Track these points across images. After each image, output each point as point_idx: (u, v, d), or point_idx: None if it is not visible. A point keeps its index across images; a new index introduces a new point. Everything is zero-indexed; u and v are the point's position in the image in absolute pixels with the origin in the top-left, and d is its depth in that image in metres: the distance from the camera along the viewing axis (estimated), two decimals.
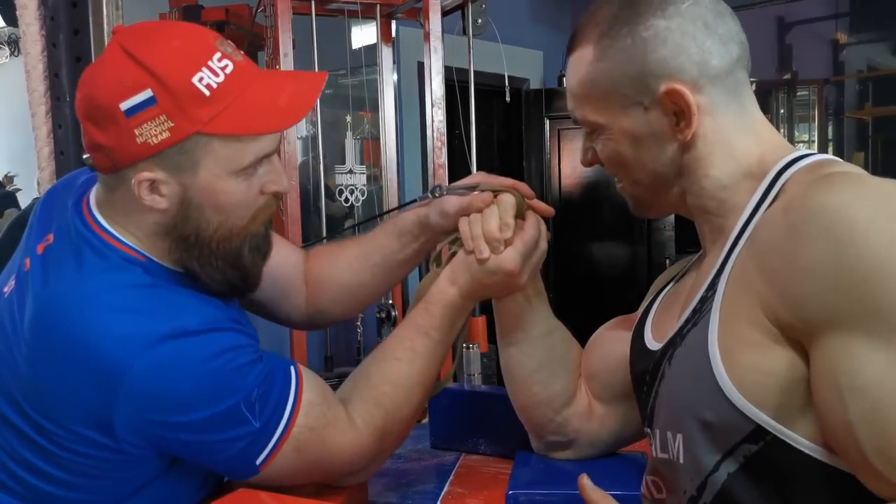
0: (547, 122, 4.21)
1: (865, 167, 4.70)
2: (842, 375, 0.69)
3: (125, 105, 0.88)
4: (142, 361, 0.86)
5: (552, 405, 1.12)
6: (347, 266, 1.23)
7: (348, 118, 2.88)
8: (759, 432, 0.76)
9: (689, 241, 4.56)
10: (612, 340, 1.10)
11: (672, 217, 4.07)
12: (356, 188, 2.80)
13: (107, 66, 0.92)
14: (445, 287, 1.06)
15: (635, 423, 1.10)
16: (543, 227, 1.08)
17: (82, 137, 0.95)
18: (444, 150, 2.50)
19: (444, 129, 2.51)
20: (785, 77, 5.03)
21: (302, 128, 3.52)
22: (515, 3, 4.07)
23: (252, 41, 2.64)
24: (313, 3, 2.49)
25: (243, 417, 0.90)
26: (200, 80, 0.89)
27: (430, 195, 1.13)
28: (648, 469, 0.95)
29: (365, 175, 2.84)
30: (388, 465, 1.27)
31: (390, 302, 2.64)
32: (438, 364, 1.07)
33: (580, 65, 0.90)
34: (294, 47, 2.31)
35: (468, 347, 2.38)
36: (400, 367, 1.04)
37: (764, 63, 4.96)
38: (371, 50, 2.80)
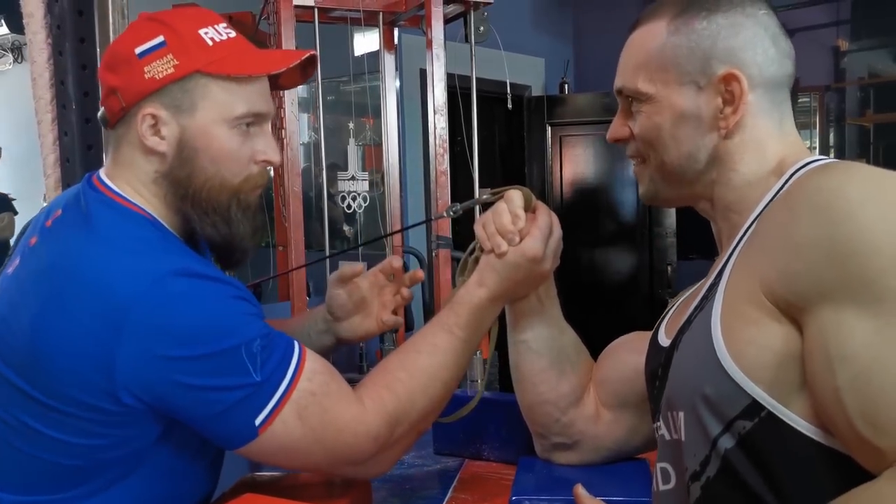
0: (549, 129, 4.22)
1: None
2: (831, 344, 0.73)
3: (139, 49, 1.00)
4: (150, 293, 0.90)
5: (559, 405, 1.14)
6: None
7: (351, 124, 2.89)
8: (754, 407, 0.78)
9: (691, 247, 4.56)
10: (625, 350, 1.13)
11: (674, 223, 4.07)
12: (358, 194, 2.81)
13: (130, 29, 1.06)
14: (473, 289, 1.09)
15: (641, 434, 1.11)
16: (554, 215, 1.13)
17: (100, 91, 1.06)
18: (447, 157, 2.51)
19: (446, 136, 2.52)
20: None
21: (304, 134, 3.53)
22: (517, 10, 4.08)
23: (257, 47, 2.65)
24: (316, 10, 2.51)
25: (243, 366, 0.92)
26: (206, 33, 1.02)
27: (446, 214, 1.21)
28: (658, 456, 0.96)
29: (367, 181, 2.85)
30: (391, 471, 1.28)
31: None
32: (462, 363, 1.08)
33: (648, 37, 0.94)
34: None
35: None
36: (419, 357, 1.05)
37: None
38: (374, 56, 2.81)
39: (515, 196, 1.10)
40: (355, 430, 0.97)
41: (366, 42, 3.08)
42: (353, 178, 2.86)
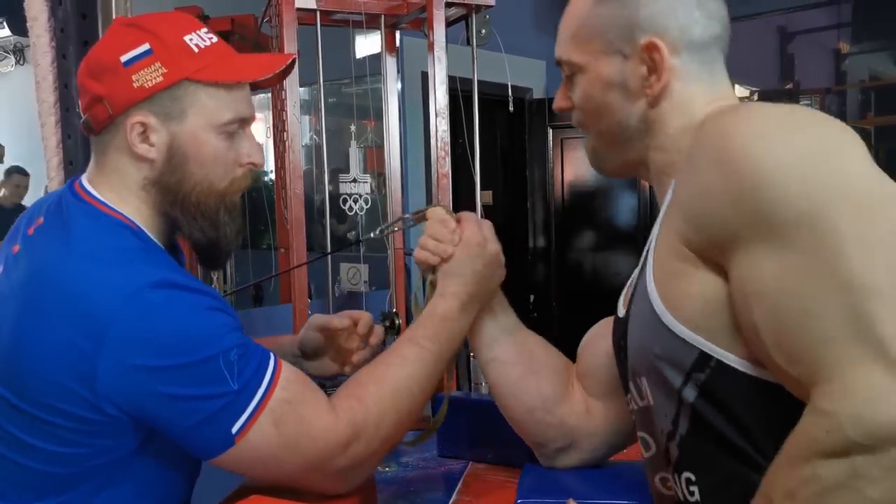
0: (550, 132, 4.23)
1: None
2: (745, 282, 0.75)
3: (125, 57, 1.00)
4: (129, 307, 0.91)
5: (545, 407, 1.13)
6: None
7: (352, 127, 2.89)
8: (703, 358, 0.80)
9: None
10: (599, 337, 1.13)
11: None
12: (360, 197, 2.81)
13: (108, 36, 1.06)
14: (438, 301, 1.12)
15: (632, 422, 1.11)
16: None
17: (80, 100, 1.06)
18: (448, 159, 2.51)
19: (447, 139, 2.52)
20: (787, 86, 5.05)
21: (306, 136, 3.53)
22: (519, 13, 4.09)
23: (257, 51, 2.65)
24: (318, 13, 2.51)
25: (221, 375, 0.93)
26: (191, 40, 1.03)
27: (373, 235, 1.30)
28: (636, 427, 0.97)
29: (369, 184, 2.85)
30: (396, 473, 1.28)
31: (394, 310, 2.65)
32: (432, 374, 1.08)
33: (578, 6, 0.96)
34: (298, 57, 2.33)
35: (475, 357, 2.39)
36: (388, 370, 1.06)
37: (766, 72, 4.98)
38: (375, 59, 2.81)
39: (437, 210, 1.15)
40: (327, 439, 0.98)
41: (367, 44, 3.09)
42: (354, 181, 2.86)
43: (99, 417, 0.93)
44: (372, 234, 1.29)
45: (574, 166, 4.29)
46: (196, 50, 1.02)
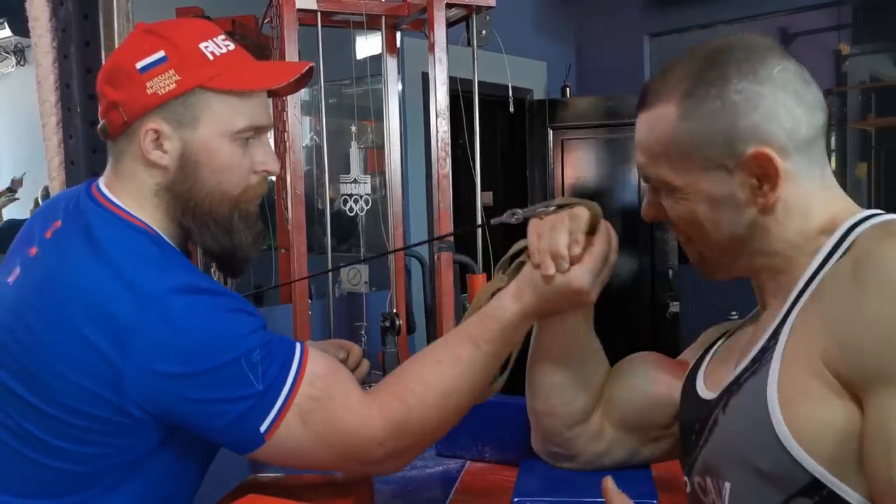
0: (550, 133, 4.22)
1: (868, 178, 4.67)
2: (891, 429, 0.70)
3: (140, 64, 1.01)
4: (152, 313, 0.92)
5: (566, 421, 1.10)
6: None
7: (353, 127, 2.90)
8: (814, 485, 0.76)
9: None
10: (640, 376, 1.10)
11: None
12: (360, 197, 2.82)
13: (128, 41, 1.07)
14: (508, 303, 1.03)
15: (641, 457, 1.10)
16: (615, 239, 1.05)
17: (99, 105, 1.07)
18: (449, 160, 2.52)
19: (448, 140, 2.52)
20: None
21: (306, 137, 3.54)
22: (519, 14, 4.09)
23: (258, 52, 2.66)
24: (319, 14, 2.52)
25: (245, 377, 0.94)
26: (206, 47, 1.03)
27: (506, 219, 1.07)
28: None
29: (369, 184, 2.86)
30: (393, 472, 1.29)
31: (394, 311, 2.65)
32: (484, 377, 1.05)
33: (659, 122, 0.89)
34: (299, 58, 2.33)
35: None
36: (438, 369, 1.03)
37: None
38: (376, 60, 2.82)
39: (582, 215, 1.01)
40: (359, 434, 0.98)
41: (368, 46, 3.10)
42: (355, 182, 2.87)
43: (124, 419, 0.95)
44: (513, 219, 1.06)
45: (574, 167, 4.29)
46: (211, 57, 1.03)
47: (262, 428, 0.95)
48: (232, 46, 1.06)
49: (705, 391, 0.94)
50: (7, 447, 0.99)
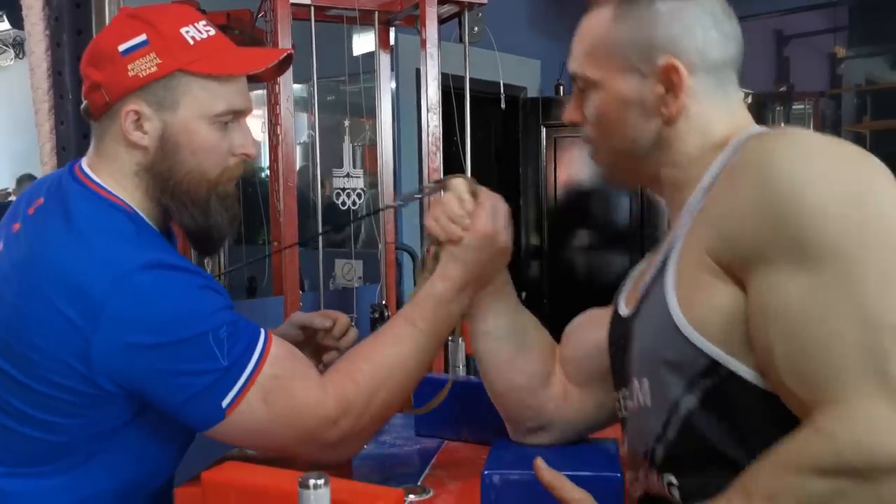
0: (544, 131, 4.26)
1: None
2: (767, 301, 0.77)
3: (122, 47, 1.04)
4: (122, 287, 0.95)
5: (529, 388, 1.16)
6: None
7: (346, 122, 2.93)
8: (713, 367, 0.82)
9: None
10: (586, 328, 1.16)
11: (667, 225, 4.10)
12: (353, 191, 2.85)
13: (111, 25, 1.11)
14: (436, 282, 1.11)
15: (607, 408, 1.14)
16: (496, 194, 1.14)
17: (82, 86, 1.10)
18: (439, 154, 2.55)
19: (439, 134, 2.55)
20: (782, 89, 5.07)
21: (303, 133, 3.57)
22: (514, 11, 4.12)
23: (253, 45, 2.69)
24: (313, 8, 2.54)
25: (211, 351, 0.97)
26: (187, 32, 1.06)
27: (396, 203, 1.25)
28: (623, 424, 1.01)
29: (362, 179, 2.89)
30: (373, 451, 1.32)
31: (383, 302, 2.69)
32: (425, 354, 1.11)
33: (595, 23, 0.97)
34: (293, 52, 2.36)
35: (451, 340, 2.42)
36: (382, 349, 1.09)
37: (761, 75, 5.00)
38: (369, 57, 2.84)
39: (459, 183, 1.13)
40: (316, 414, 1.02)
41: (364, 42, 3.12)
42: (347, 175, 2.90)
43: (94, 391, 0.98)
44: (396, 203, 1.29)
45: (567, 165, 4.32)
46: (192, 42, 1.05)
47: (224, 403, 0.98)
48: (213, 32, 1.09)
49: (625, 310, 1.00)
50: None
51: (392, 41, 2.86)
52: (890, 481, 0.67)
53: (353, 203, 2.89)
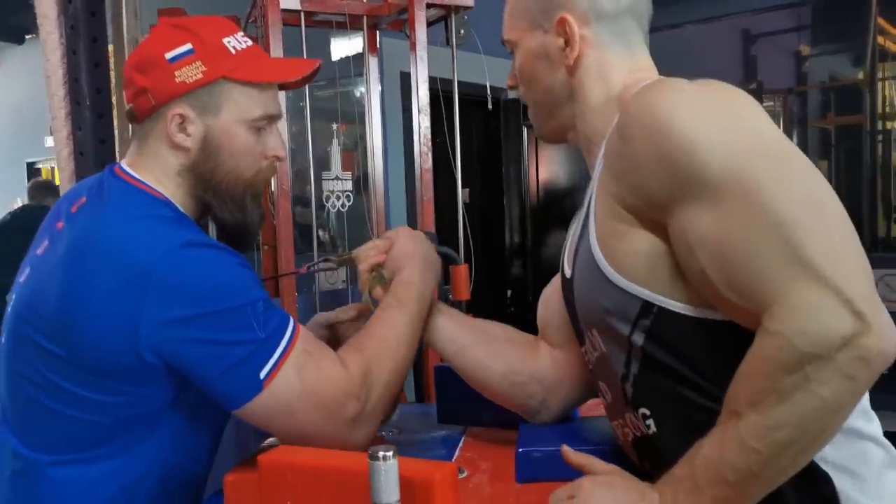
0: (525, 131, 4.33)
1: (829, 175, 4.81)
2: (688, 235, 0.85)
3: (169, 54, 1.11)
4: (166, 260, 1.01)
5: (513, 370, 1.24)
6: None
7: (334, 126, 2.97)
8: (647, 307, 0.90)
9: None
10: (556, 291, 1.23)
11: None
12: (342, 194, 2.89)
13: (155, 34, 1.16)
14: (397, 277, 1.22)
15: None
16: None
17: (125, 93, 1.16)
18: (430, 155, 2.60)
19: (429, 136, 2.60)
20: (751, 87, 5.16)
21: (286, 140, 3.60)
22: (495, 15, 4.18)
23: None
24: (302, 14, 2.57)
25: (249, 323, 1.03)
26: (228, 42, 1.14)
27: (313, 266, 1.45)
28: (594, 377, 1.08)
29: (350, 181, 2.92)
30: (397, 438, 1.37)
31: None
32: (415, 329, 1.20)
33: None
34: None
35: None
36: (380, 330, 1.17)
37: (730, 73, 5.09)
38: (346, 62, 2.87)
39: (362, 248, 1.27)
40: (343, 387, 1.08)
41: (344, 47, 3.15)
42: (336, 178, 2.94)
43: (139, 364, 1.02)
44: (303, 269, 1.48)
45: (548, 165, 4.39)
46: (233, 51, 1.13)
47: (262, 374, 1.03)
48: (250, 43, 1.16)
49: (567, 270, 1.08)
50: (33, 402, 1.07)
51: (377, 45, 2.90)
52: (842, 354, 0.74)
53: (343, 206, 2.93)
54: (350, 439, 1.09)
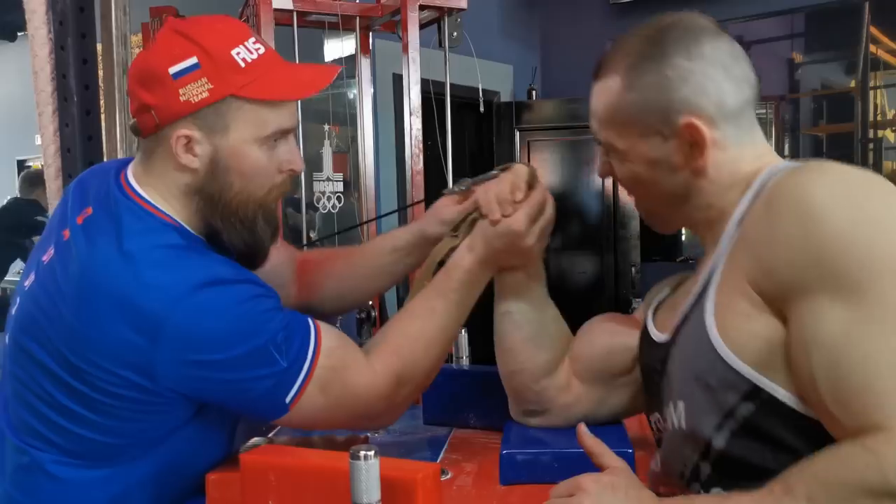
0: (517, 134, 4.33)
1: None
2: (807, 331, 0.81)
3: (173, 69, 1.03)
4: (180, 308, 0.96)
5: (533, 374, 1.22)
6: (337, 275, 1.37)
7: (326, 127, 2.96)
8: (754, 391, 0.87)
9: (654, 249, 4.67)
10: (600, 331, 1.23)
11: (637, 227, 4.20)
12: (333, 195, 2.88)
13: (159, 42, 1.07)
14: (464, 253, 1.16)
15: (607, 406, 1.21)
16: (550, 196, 1.18)
17: (130, 105, 1.09)
18: (421, 157, 2.59)
19: (420, 138, 2.59)
20: None
21: None
22: (487, 18, 4.19)
23: None
24: (295, 14, 2.56)
25: (271, 357, 1.00)
26: (238, 53, 1.04)
27: (455, 189, 1.26)
28: (658, 445, 1.05)
29: (342, 183, 2.92)
30: (382, 439, 1.36)
31: (370, 303, 2.72)
32: (456, 322, 1.16)
33: (608, 92, 1.01)
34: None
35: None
36: (418, 323, 1.13)
37: None
38: (338, 64, 2.85)
39: (521, 170, 1.17)
40: (369, 394, 1.07)
41: (337, 48, 3.15)
42: (328, 180, 2.93)
43: (157, 399, 1.00)
44: (455, 189, 1.27)
45: (540, 168, 4.39)
46: (242, 64, 1.04)
47: (288, 399, 1.02)
48: (263, 50, 1.07)
49: (658, 335, 1.05)
50: (33, 410, 1.03)
51: (370, 46, 2.89)
52: None
53: (333, 207, 2.92)
54: (377, 427, 1.16)
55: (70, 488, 1.04)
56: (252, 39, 1.07)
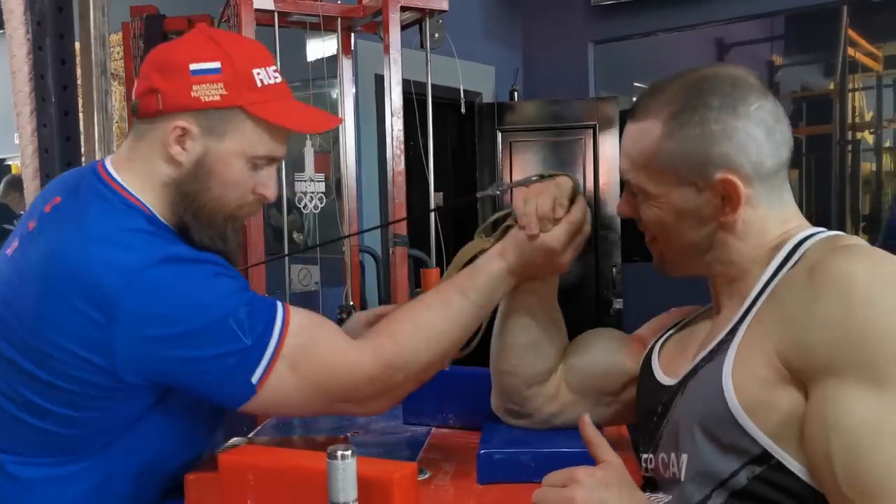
0: (499, 135, 4.34)
1: (799, 183, 4.83)
2: (830, 413, 0.82)
3: (194, 66, 1.07)
4: (137, 284, 0.97)
5: (526, 381, 1.21)
6: None
7: None
8: (765, 455, 0.88)
9: (635, 250, 4.68)
10: (602, 349, 1.22)
11: (619, 227, 4.22)
12: (315, 195, 2.88)
13: (188, 39, 1.11)
14: (494, 258, 1.15)
15: (593, 416, 1.20)
16: (588, 211, 1.17)
17: (136, 85, 1.11)
18: (403, 158, 2.60)
19: (402, 138, 2.60)
20: None
21: None
22: (469, 19, 4.20)
23: None
24: (276, 14, 2.56)
25: (233, 332, 0.99)
26: (258, 73, 1.09)
27: (491, 191, 1.26)
28: (651, 485, 1.05)
29: (324, 183, 2.92)
30: (362, 439, 1.37)
31: (351, 303, 2.72)
32: (470, 324, 1.14)
33: (645, 136, 1.00)
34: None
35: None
36: (428, 313, 1.12)
37: None
38: (320, 65, 2.86)
39: (565, 184, 1.14)
40: (350, 372, 1.05)
41: (319, 48, 3.14)
42: (310, 180, 2.93)
43: (116, 384, 1.00)
44: (491, 191, 1.28)
45: (522, 169, 4.40)
46: (259, 84, 1.08)
47: (254, 379, 1.01)
48: (279, 80, 1.12)
49: (664, 377, 1.05)
50: (4, 412, 1.03)
51: (352, 47, 2.90)
52: None
53: (315, 207, 2.92)
54: (364, 412, 1.10)
55: (35, 488, 1.04)
56: (273, 68, 1.11)
